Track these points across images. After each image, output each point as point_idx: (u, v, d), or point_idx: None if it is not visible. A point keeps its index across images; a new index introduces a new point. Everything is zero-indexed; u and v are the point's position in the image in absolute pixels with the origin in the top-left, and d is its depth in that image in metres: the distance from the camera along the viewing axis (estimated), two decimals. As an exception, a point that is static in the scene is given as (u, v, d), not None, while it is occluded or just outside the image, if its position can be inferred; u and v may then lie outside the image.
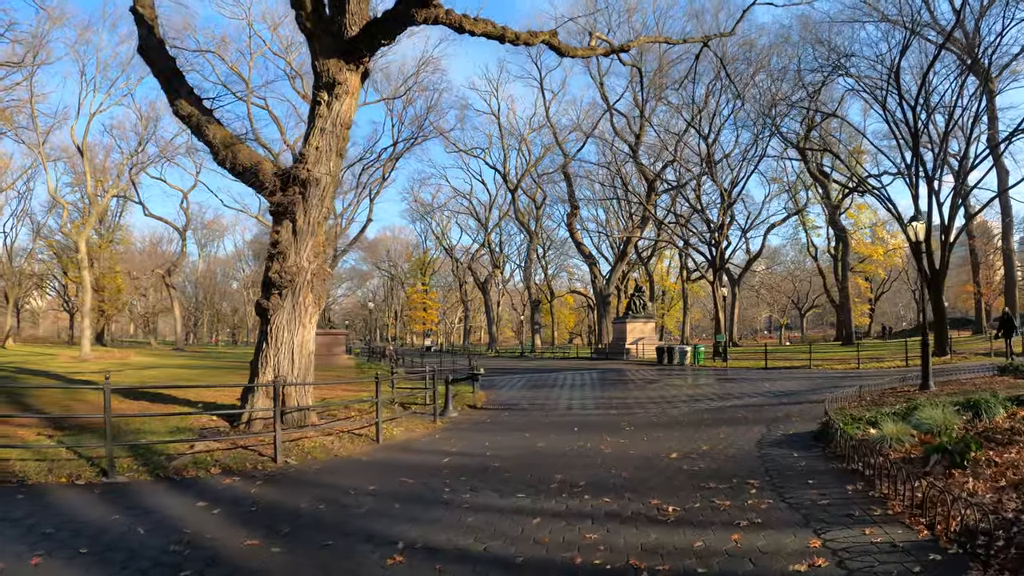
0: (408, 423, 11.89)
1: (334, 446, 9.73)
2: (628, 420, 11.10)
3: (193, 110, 12.44)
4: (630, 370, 25.42)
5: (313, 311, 11.95)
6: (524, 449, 8.71)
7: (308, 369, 11.78)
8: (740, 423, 10.13)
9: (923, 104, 24.14)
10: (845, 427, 7.79)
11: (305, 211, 11.82)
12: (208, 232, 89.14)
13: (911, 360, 22.69)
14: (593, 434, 9.68)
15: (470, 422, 12.19)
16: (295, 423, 11.17)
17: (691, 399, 14.06)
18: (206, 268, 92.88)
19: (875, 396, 12.17)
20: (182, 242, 65.49)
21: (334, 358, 33.80)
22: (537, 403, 14.70)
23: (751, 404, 12.63)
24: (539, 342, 57.12)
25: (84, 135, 39.58)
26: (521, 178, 57.05)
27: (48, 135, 41.08)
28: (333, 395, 16.46)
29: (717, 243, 34.31)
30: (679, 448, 8.16)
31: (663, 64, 38.50)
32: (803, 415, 10.70)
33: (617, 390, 17.01)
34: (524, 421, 11.75)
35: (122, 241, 64.96)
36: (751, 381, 18.26)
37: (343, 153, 12.48)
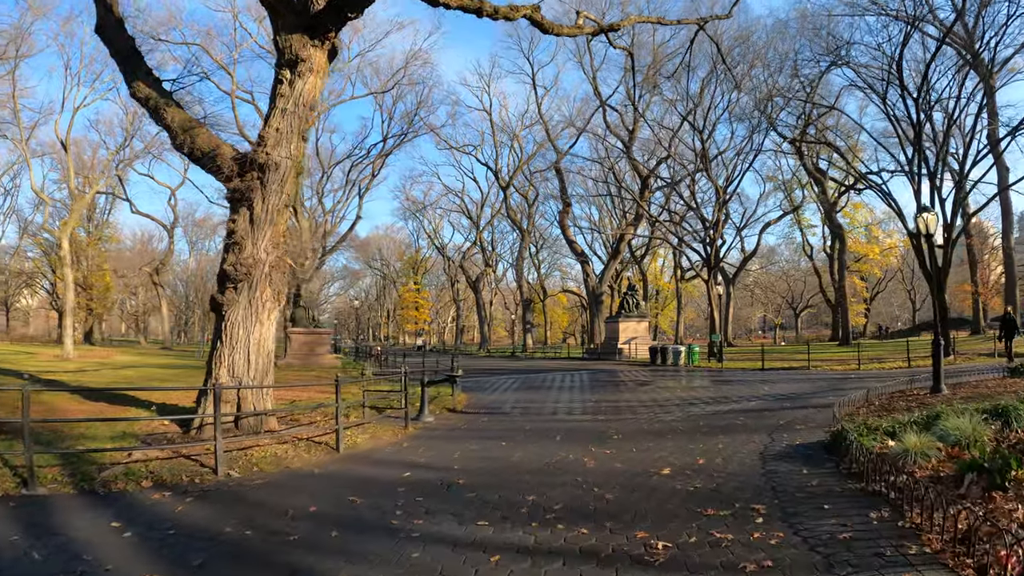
0: (377, 429, 10.90)
1: (287, 456, 8.74)
2: (617, 427, 10.12)
3: (151, 92, 11.51)
4: (622, 371, 24.47)
5: (272, 306, 10.95)
6: (497, 462, 7.72)
7: (266, 370, 10.80)
8: (740, 431, 9.16)
9: (924, 97, 23.28)
10: (860, 439, 6.83)
11: (263, 198, 10.85)
12: (199, 230, 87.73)
13: (913, 361, 21.84)
14: (577, 444, 8.69)
15: (445, 428, 11.21)
16: (251, 429, 10.23)
17: (685, 403, 13.10)
18: (197, 266, 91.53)
19: (884, 400, 11.25)
20: (170, 240, 64.22)
21: (318, 358, 32.77)
22: (521, 406, 13.72)
23: (750, 409, 11.68)
24: (531, 342, 56.15)
25: (68, 130, 38.37)
26: (513, 175, 56.06)
27: (33, 130, 40.10)
28: (306, 397, 15.54)
29: (712, 241, 33.42)
30: (672, 461, 7.19)
31: (657, 58, 37.59)
32: (808, 422, 9.75)
33: (607, 393, 16.04)
34: (504, 427, 10.76)
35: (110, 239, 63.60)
36: (748, 383, 17.33)
37: (306, 136, 11.49)
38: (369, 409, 13.14)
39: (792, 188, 52.24)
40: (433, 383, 12.98)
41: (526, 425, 10.86)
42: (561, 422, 11.18)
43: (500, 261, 72.54)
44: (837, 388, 15.10)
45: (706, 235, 34.44)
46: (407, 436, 10.35)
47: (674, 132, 39.66)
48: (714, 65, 32.96)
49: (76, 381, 17.03)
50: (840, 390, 14.59)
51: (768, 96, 30.07)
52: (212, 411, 10.26)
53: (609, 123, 44.55)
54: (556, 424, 10.91)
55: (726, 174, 38.85)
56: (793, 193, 52.35)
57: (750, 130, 34.42)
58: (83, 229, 57.68)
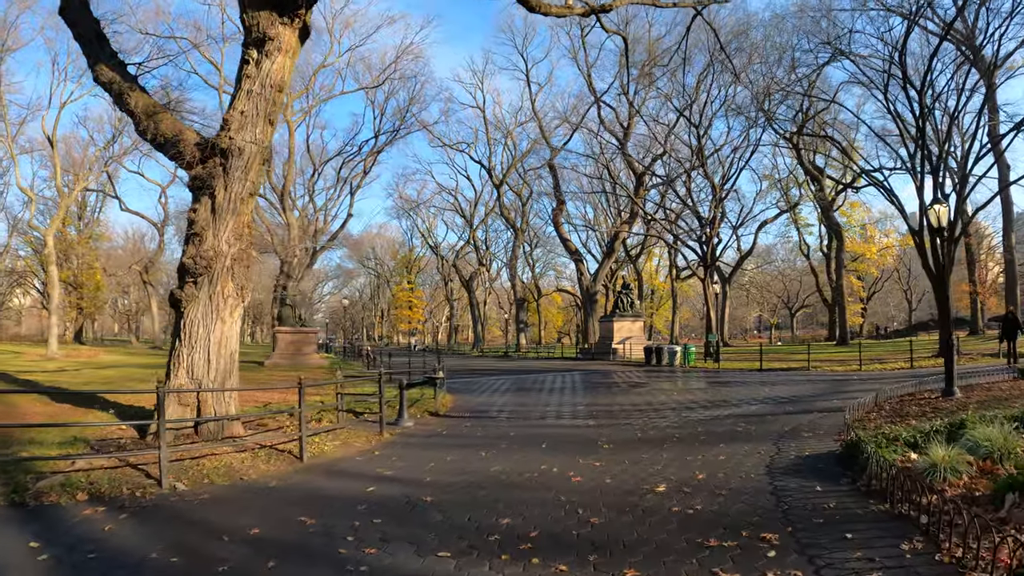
0: (350, 435, 10.09)
1: (244, 466, 7.94)
2: (608, 434, 9.33)
3: (115, 76, 10.76)
4: (616, 372, 23.70)
5: (234, 303, 10.14)
6: (474, 475, 6.93)
7: (229, 371, 10.00)
8: (742, 439, 8.39)
9: (928, 89, 22.60)
10: (880, 451, 6.07)
11: (226, 185, 10.07)
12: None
13: (916, 362, 21.16)
14: (564, 453, 7.90)
15: (424, 434, 10.41)
16: (212, 435, 9.45)
17: (682, 406, 12.32)
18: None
19: (895, 405, 10.51)
20: (160, 238, 63.19)
21: (305, 357, 31.98)
22: (508, 410, 12.92)
23: (752, 414, 10.91)
24: (524, 341, 55.35)
25: (54, 126, 37.67)
26: (507, 173, 55.24)
27: (22, 127, 39.36)
28: (278, 399, 14.79)
29: (708, 239, 32.68)
30: (668, 476, 6.41)
31: (653, 53, 36.86)
32: (815, 429, 8.99)
33: (600, 395, 15.26)
34: (487, 434, 9.96)
35: (101, 237, 62.56)
36: (747, 385, 16.59)
37: (274, 120, 10.67)
38: (345, 413, 12.38)
39: (788, 186, 51.63)
40: (412, 385, 12.18)
41: (511, 431, 10.07)
42: (549, 428, 10.39)
43: (494, 260, 71.76)
44: (840, 391, 14.37)
45: (702, 233, 33.71)
46: (381, 443, 9.55)
47: (670, 128, 38.91)
48: (711, 59, 32.25)
49: (51, 381, 16.51)
50: (844, 393, 13.87)
51: (766, 91, 29.34)
52: (171, 415, 9.57)
53: (604, 119, 43.80)
54: (543, 430, 10.11)
55: (722, 171, 38.17)
56: (790, 192, 51.74)
57: (747, 126, 33.72)
58: (73, 227, 56.85)
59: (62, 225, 53.88)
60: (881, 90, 25.04)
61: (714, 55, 30.75)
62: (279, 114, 10.77)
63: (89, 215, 59.74)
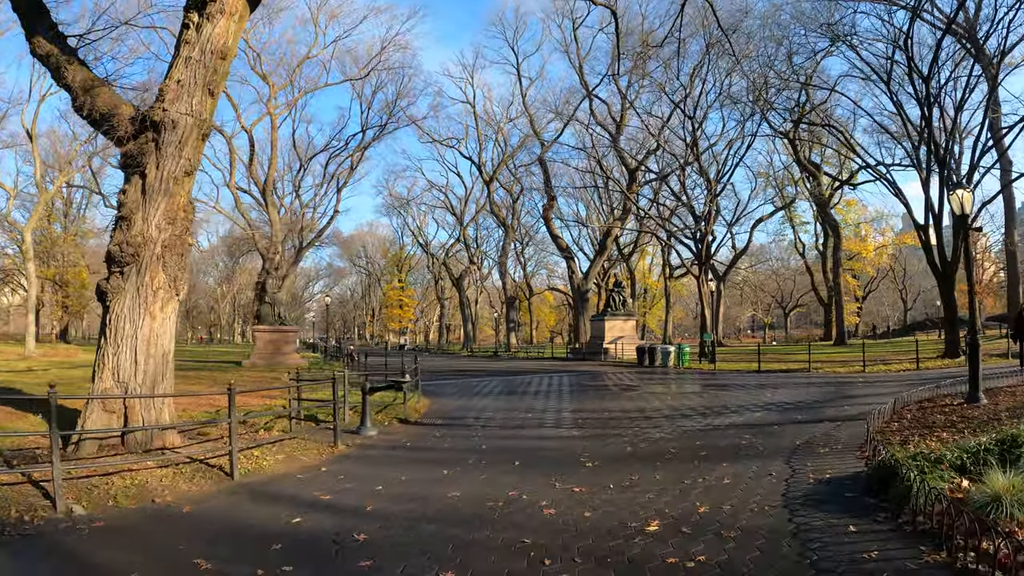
0: (299, 447, 8.86)
1: (161, 485, 6.74)
2: (593, 448, 8.11)
3: (53, 48, 9.62)
4: (607, 373, 22.51)
5: (166, 296, 8.89)
6: (426, 503, 5.70)
7: (161, 373, 8.77)
8: (748, 455, 7.19)
9: (936, 75, 21.52)
10: (928, 478, 4.89)
11: (158, 163, 8.87)
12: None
13: (922, 363, 20.10)
14: (539, 473, 6.70)
15: (385, 446, 9.19)
16: (139, 446, 8.25)
17: (677, 413, 11.13)
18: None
19: (916, 413, 9.36)
20: (144, 234, 61.39)
21: (284, 357, 30.72)
22: (486, 416, 11.69)
23: (756, 423, 9.72)
24: (515, 341, 54.14)
25: (34, 119, 36.31)
26: (497, 169, 54.00)
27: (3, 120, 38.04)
28: (242, 403, 13.55)
29: (703, 235, 31.55)
30: (662, 508, 5.19)
31: (646, 42, 35.67)
32: (831, 442, 7.80)
33: (588, 399, 14.05)
34: (455, 446, 8.75)
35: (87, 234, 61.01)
36: (746, 388, 15.43)
37: (216, 91, 9.41)
38: (303, 421, 11.15)
39: (784, 184, 50.67)
40: (376, 389, 10.93)
41: (483, 443, 8.85)
42: (527, 439, 9.17)
43: (486, 259, 70.54)
44: (848, 395, 13.25)
45: (697, 228, 32.58)
46: (332, 457, 8.32)
47: (664, 122, 37.72)
48: (707, 48, 31.08)
49: (7, 382, 15.66)
50: (853, 397, 12.74)
51: (764, 80, 28.21)
52: (92, 424, 8.41)
53: (596, 113, 42.57)
54: (520, 442, 8.90)
55: (717, 167, 37.02)
56: (784, 189, 50.77)
57: (743, 118, 32.55)
58: (59, 224, 55.49)
59: (47, 222, 52.65)
60: (884, 80, 23.94)
61: (710, 43, 29.57)
62: (222, 84, 9.50)
63: (75, 212, 58.35)
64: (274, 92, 44.35)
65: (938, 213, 22.15)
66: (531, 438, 9.21)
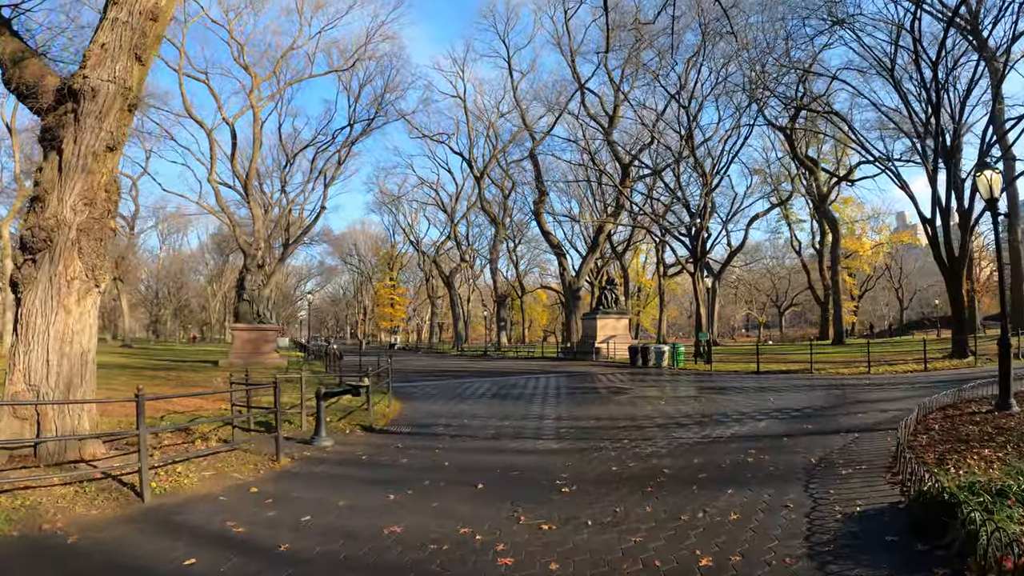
0: (235, 461, 7.71)
1: (57, 507, 5.80)
2: (573, 466, 6.92)
3: None
4: (597, 374, 21.33)
5: (84, 287, 7.70)
6: (354, 542, 4.50)
7: (79, 376, 7.67)
8: (757, 478, 6.00)
9: (943, 60, 20.42)
10: (997, 519, 3.72)
11: (76, 136, 7.69)
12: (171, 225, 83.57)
13: (929, 363, 19.01)
14: (504, 500, 5.50)
15: (336, 459, 7.99)
16: (51, 458, 7.19)
17: (672, 422, 9.94)
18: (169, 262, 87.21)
19: (943, 423, 8.21)
20: (130, 231, 60.21)
21: (263, 357, 29.42)
22: (458, 424, 10.49)
23: (762, 434, 8.53)
24: (505, 340, 52.91)
25: (13, 113, 35.02)
26: (488, 164, 52.73)
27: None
28: (195, 407, 12.44)
29: (699, 231, 30.41)
30: (650, 558, 3.99)
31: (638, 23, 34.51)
32: (853, 459, 6.63)
33: (573, 405, 12.85)
34: (414, 463, 7.54)
35: None
36: (747, 392, 14.26)
37: (145, 57, 8.20)
38: (251, 430, 9.93)
39: (779, 180, 49.69)
40: (332, 395, 9.70)
41: (448, 458, 7.64)
42: (499, 453, 7.96)
43: (478, 257, 69.24)
44: (858, 399, 12.11)
45: (692, 224, 31.44)
46: (270, 474, 7.12)
47: (659, 115, 36.57)
48: (703, 34, 29.91)
49: None
50: (863, 402, 11.60)
51: (761, 69, 27.06)
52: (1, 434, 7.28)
53: (588, 107, 41.40)
54: (491, 457, 7.69)
55: (712, 161, 35.89)
56: (780, 186, 49.79)
57: (741, 108, 31.37)
58: None
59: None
60: (887, 68, 22.84)
61: (706, 25, 28.39)
62: (153, 51, 8.28)
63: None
64: (257, 83, 42.96)
65: (945, 207, 21.09)
66: (504, 452, 8.00)
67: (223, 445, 8.55)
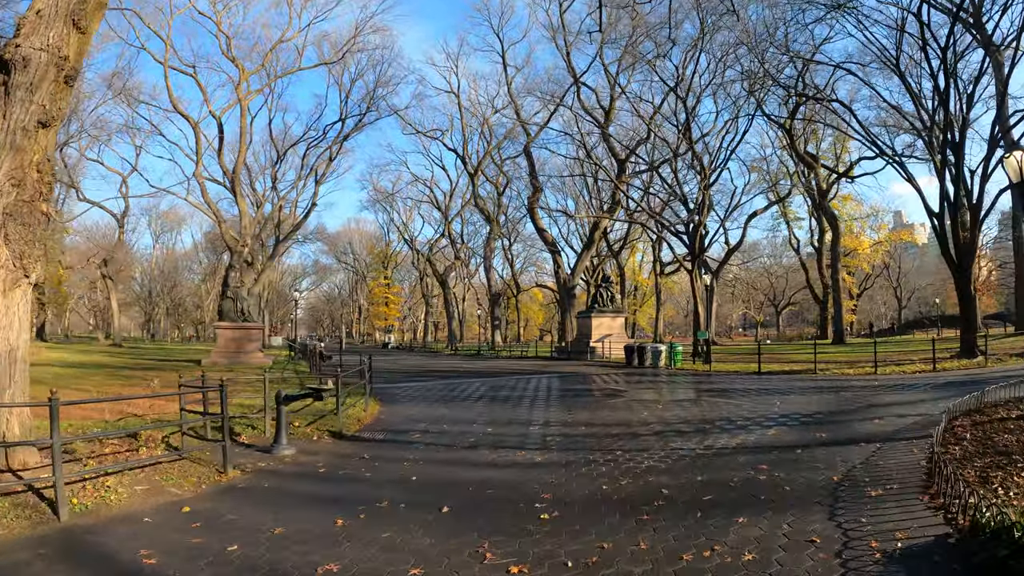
0: (176, 473, 6.92)
1: None
2: (557, 484, 5.99)
3: None
4: (591, 374, 20.42)
5: (10, 277, 6.95)
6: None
7: (5, 375, 6.79)
8: (772, 501, 5.08)
9: (952, 46, 19.56)
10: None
11: (5, 110, 6.81)
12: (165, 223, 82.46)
13: (938, 364, 18.15)
14: (469, 530, 4.59)
15: (291, 472, 7.09)
16: None
17: (670, 429, 9.03)
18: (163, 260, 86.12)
19: (975, 432, 7.32)
20: (120, 229, 59.17)
21: (247, 356, 28.50)
22: (436, 431, 9.56)
23: (772, 444, 7.62)
24: (500, 339, 51.95)
25: None
26: (482, 160, 51.78)
27: None
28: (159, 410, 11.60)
29: (696, 226, 29.52)
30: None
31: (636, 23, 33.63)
32: (880, 476, 5.72)
33: (563, 409, 11.91)
34: (376, 477, 6.62)
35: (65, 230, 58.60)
36: (750, 394, 13.36)
37: (84, 25, 7.30)
38: (209, 439, 9.00)
39: (777, 178, 48.84)
40: (292, 398, 8.76)
41: (416, 472, 6.72)
42: (473, 468, 7.03)
43: (474, 256, 68.29)
44: (870, 403, 11.22)
45: (689, 218, 30.56)
46: (210, 490, 6.23)
47: (656, 108, 35.67)
48: (702, 26, 29.05)
49: None
50: (876, 406, 10.71)
51: (761, 59, 26.17)
52: None
53: (584, 102, 40.51)
54: (464, 471, 6.76)
55: (710, 156, 35.04)
56: (778, 183, 48.94)
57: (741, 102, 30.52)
58: None
59: None
60: (892, 57, 21.97)
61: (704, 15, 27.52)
62: (93, 19, 7.35)
63: (53, 208, 56.08)
64: (245, 76, 41.97)
65: (953, 200, 20.24)
66: (480, 465, 7.08)
67: (170, 453, 7.65)
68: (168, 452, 7.87)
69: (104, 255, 56.43)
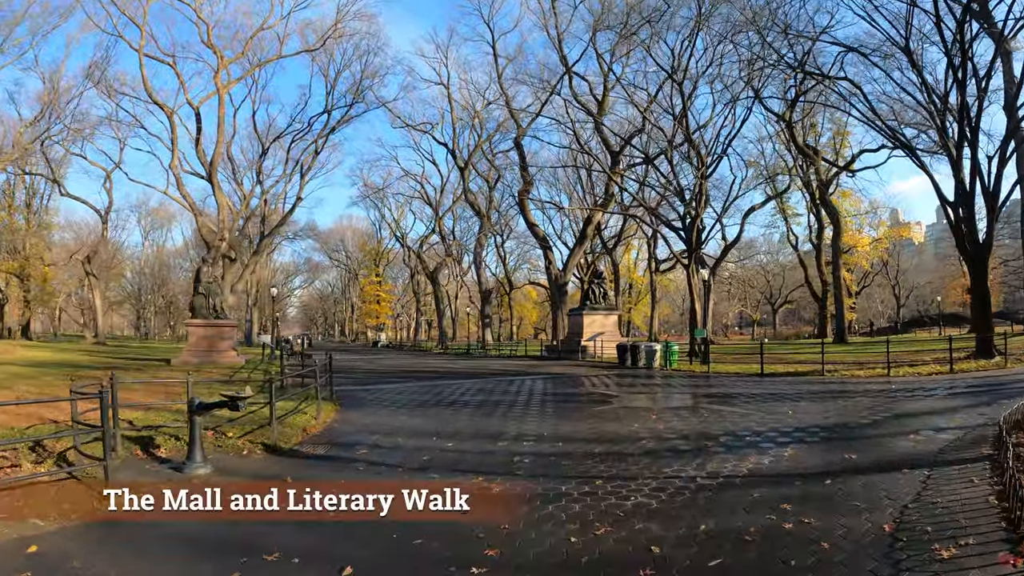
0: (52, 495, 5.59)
1: None
2: (509, 536, 4.50)
3: None
4: (581, 376, 18.93)
5: None
6: None
7: None
8: (807, 569, 3.62)
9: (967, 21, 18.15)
10: None
11: None
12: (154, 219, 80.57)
13: (955, 364, 16.77)
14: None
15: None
16: None
17: (665, 448, 7.53)
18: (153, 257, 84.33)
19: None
20: (103, 225, 57.44)
21: (220, 355, 26.86)
22: (390, 444, 8.06)
23: (791, 472, 6.11)
24: (490, 338, 50.46)
25: None
26: (472, 153, 50.21)
27: None
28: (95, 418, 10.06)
29: (693, 220, 28.10)
30: None
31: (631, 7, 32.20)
32: (942, 521, 4.25)
33: (543, 419, 10.40)
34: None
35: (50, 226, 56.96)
36: (755, 400, 11.89)
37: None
38: (126, 447, 7.55)
39: (775, 172, 47.48)
40: (207, 407, 7.25)
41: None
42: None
43: (466, 253, 66.70)
44: (895, 411, 9.78)
45: (687, 211, 29.13)
46: (75, 525, 4.80)
47: (652, 97, 34.19)
48: (699, 12, 27.59)
49: None
50: (903, 416, 9.28)
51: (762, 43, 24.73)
52: None
53: (577, 93, 39.08)
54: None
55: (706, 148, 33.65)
56: (776, 178, 47.59)
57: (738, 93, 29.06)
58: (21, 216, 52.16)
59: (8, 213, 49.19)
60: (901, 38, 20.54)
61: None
62: None
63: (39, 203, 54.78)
64: (224, 64, 40.33)
65: (969, 190, 18.88)
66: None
67: (58, 471, 6.28)
68: (56, 468, 6.47)
69: (88, 252, 54.84)
